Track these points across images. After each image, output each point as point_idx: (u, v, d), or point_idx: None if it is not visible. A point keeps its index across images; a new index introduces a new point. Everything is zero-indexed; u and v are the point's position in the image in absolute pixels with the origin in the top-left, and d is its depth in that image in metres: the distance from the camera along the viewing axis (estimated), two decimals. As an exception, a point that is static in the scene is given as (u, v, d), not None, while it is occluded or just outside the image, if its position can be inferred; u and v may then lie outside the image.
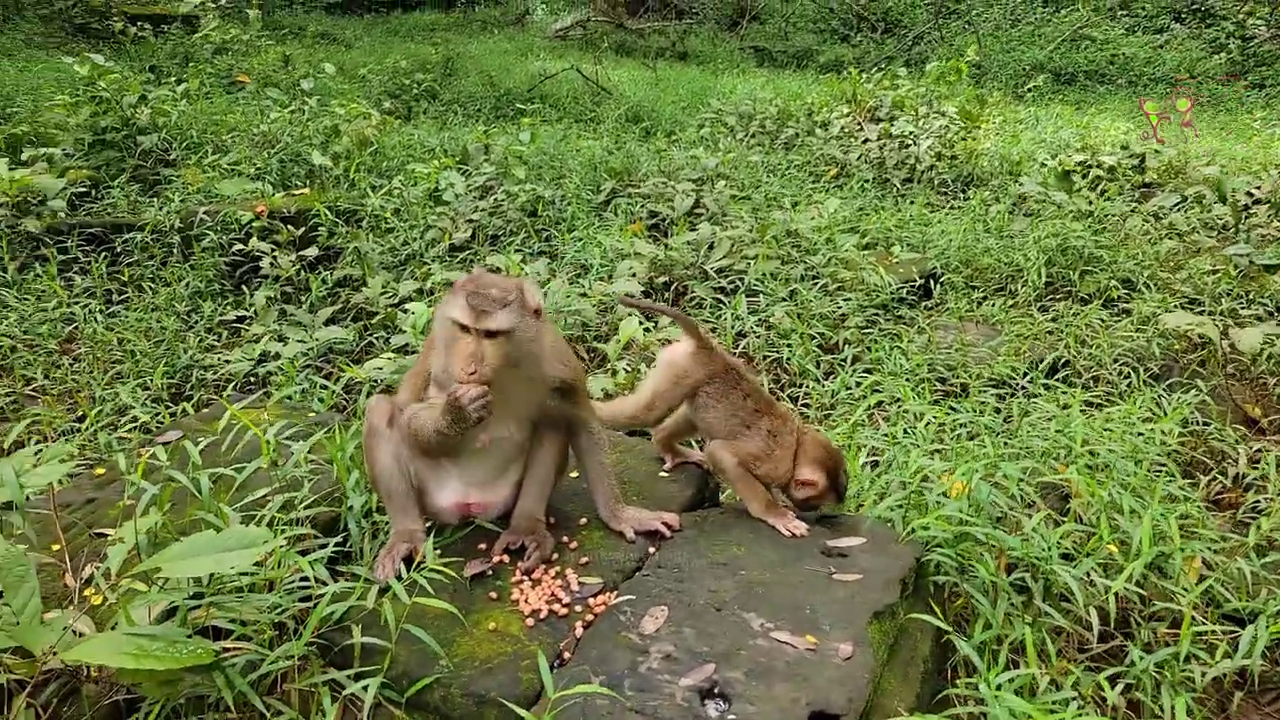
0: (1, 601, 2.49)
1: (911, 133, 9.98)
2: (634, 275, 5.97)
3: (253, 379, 5.07)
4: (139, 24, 13.54)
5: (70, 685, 2.51)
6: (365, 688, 2.36)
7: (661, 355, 3.32)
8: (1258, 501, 3.90)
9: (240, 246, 6.18)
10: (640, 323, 5.18)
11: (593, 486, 3.07)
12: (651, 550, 2.95)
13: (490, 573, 2.82)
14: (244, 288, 6.10)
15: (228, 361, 5.07)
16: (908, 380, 4.78)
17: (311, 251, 6.26)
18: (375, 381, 4.52)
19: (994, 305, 6.04)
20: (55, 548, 2.95)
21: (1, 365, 5.09)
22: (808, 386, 5.02)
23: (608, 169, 8.22)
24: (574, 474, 3.23)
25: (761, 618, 2.56)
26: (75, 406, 4.78)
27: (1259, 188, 8.30)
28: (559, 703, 2.22)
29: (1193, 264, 6.51)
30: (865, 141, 10.10)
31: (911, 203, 8.37)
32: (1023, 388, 4.89)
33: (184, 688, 2.38)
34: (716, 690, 2.30)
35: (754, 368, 5.18)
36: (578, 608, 2.66)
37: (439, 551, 2.71)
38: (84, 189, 7.24)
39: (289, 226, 6.37)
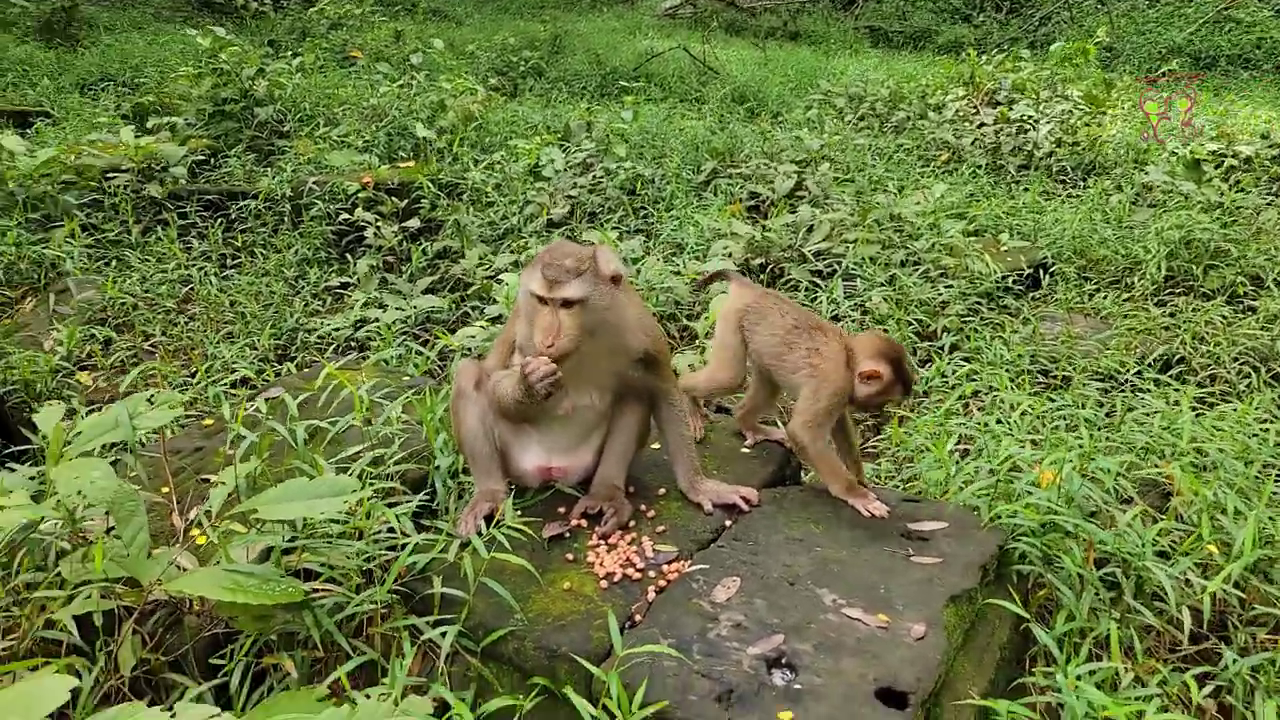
0: (113, 533, 2.68)
1: (1031, 117, 9.61)
2: (729, 255, 5.94)
3: (353, 343, 5.26)
4: (259, -1, 14.14)
5: (174, 616, 2.67)
6: (443, 635, 2.44)
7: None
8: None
9: (346, 216, 6.40)
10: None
11: (673, 457, 3.08)
12: (728, 523, 2.96)
13: (568, 535, 2.87)
14: (348, 256, 6.33)
15: (332, 327, 5.28)
16: (1006, 370, 4.64)
17: (413, 223, 6.44)
18: (468, 349, 4.64)
19: (1106, 298, 5.79)
20: (165, 490, 3.14)
21: (124, 321, 5.41)
22: (901, 372, 4.91)
23: (710, 149, 8.19)
24: (655, 445, 3.26)
25: (834, 594, 2.53)
26: (189, 362, 5.05)
27: None
28: (627, 660, 2.25)
29: (1331, 261, 6.10)
30: (981, 126, 9.77)
31: (1025, 190, 8.07)
32: (1130, 382, 4.68)
33: (276, 624, 2.51)
34: (784, 660, 2.29)
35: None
36: (651, 573, 2.68)
37: (519, 512, 2.78)
38: (203, 157, 7.63)
39: (393, 198, 6.56)
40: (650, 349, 2.91)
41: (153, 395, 2.91)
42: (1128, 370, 4.76)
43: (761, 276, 5.99)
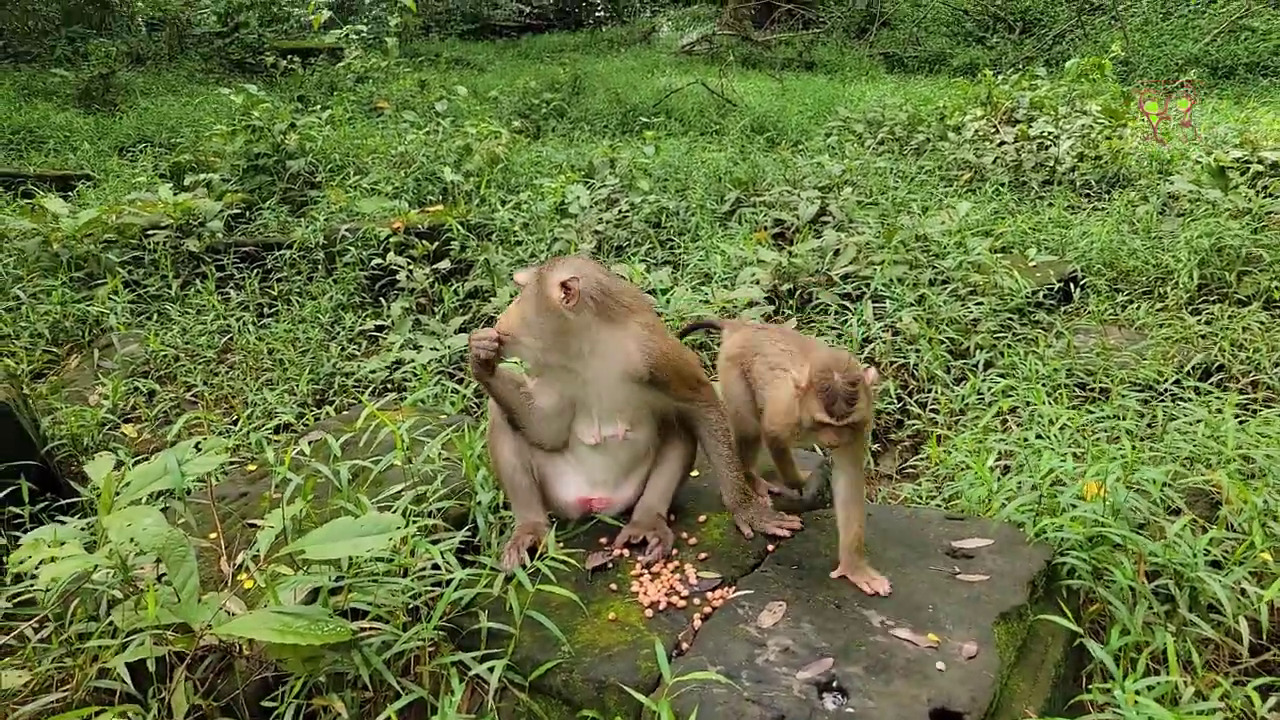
0: (164, 580, 2.72)
1: (1051, 133, 9.59)
2: (757, 282, 5.96)
3: (389, 384, 5.32)
4: (289, 57, 14.49)
5: (224, 660, 2.70)
6: (491, 669, 2.45)
7: None
8: None
9: (379, 261, 6.50)
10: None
11: (719, 477, 3.04)
12: (771, 548, 2.95)
13: (611, 566, 2.88)
14: (382, 299, 6.42)
15: (369, 370, 5.35)
16: (1043, 385, 4.60)
17: (444, 264, 6.53)
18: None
19: (1140, 308, 5.74)
20: (212, 536, 3.19)
21: (166, 373, 5.52)
22: (937, 392, 4.90)
23: (732, 179, 8.24)
24: (694, 473, 3.26)
25: (882, 615, 2.52)
26: (230, 411, 5.14)
27: None
28: (676, 688, 2.24)
29: (1366, 263, 6.00)
30: (1001, 144, 9.76)
31: (1050, 205, 8.04)
32: (1169, 392, 4.62)
33: (325, 664, 2.53)
34: (834, 684, 2.28)
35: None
36: (696, 600, 2.68)
37: (561, 544, 2.80)
38: (239, 211, 7.80)
39: (424, 241, 6.66)
40: (655, 369, 2.81)
41: (199, 442, 2.97)
42: (1166, 380, 4.70)
43: (790, 302, 6.00)
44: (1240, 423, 3.79)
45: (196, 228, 7.11)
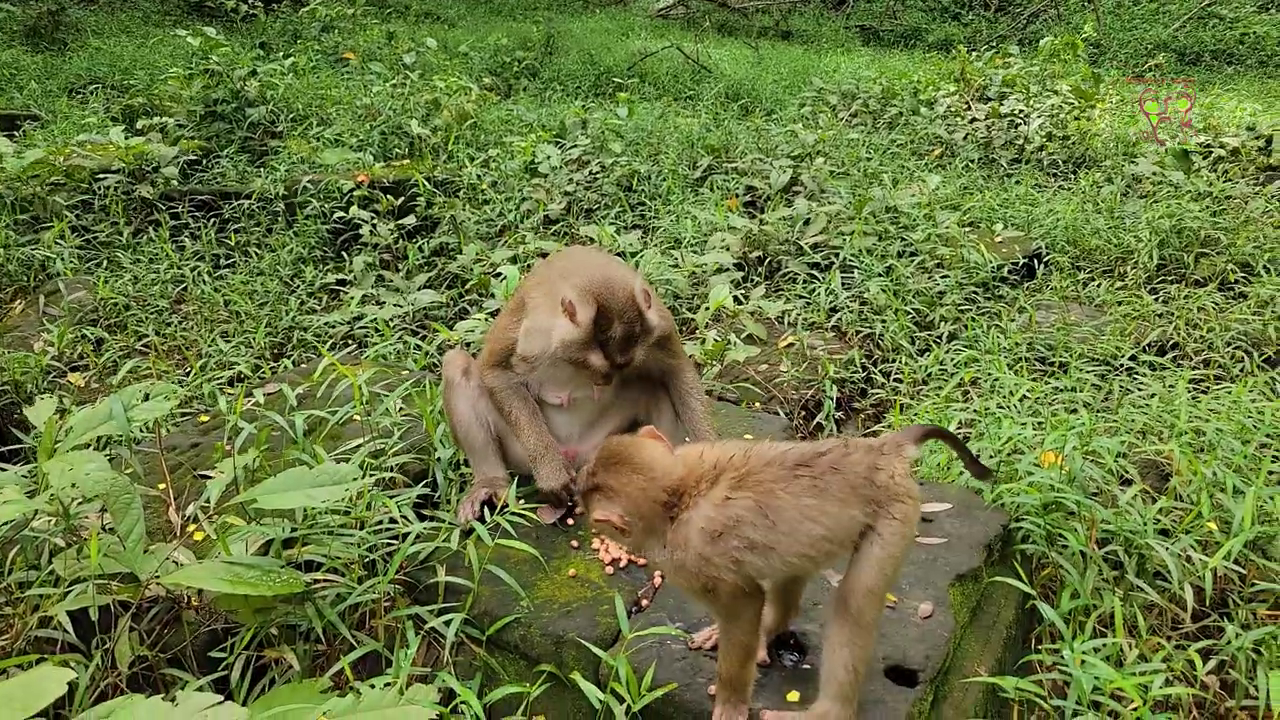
0: (108, 529, 2.65)
1: (1021, 111, 9.63)
2: (727, 248, 5.93)
3: (350, 339, 5.24)
4: (250, 1, 14.04)
5: (172, 611, 2.64)
6: (448, 624, 2.43)
7: None
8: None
9: (341, 214, 6.37)
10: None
11: (691, 432, 2.99)
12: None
13: (570, 522, 2.86)
14: (344, 254, 6.30)
15: (329, 323, 5.25)
16: (1005, 357, 4.64)
17: (409, 220, 6.41)
18: (467, 344, 4.62)
19: (1100, 286, 5.81)
20: (161, 486, 3.12)
21: (116, 322, 5.37)
22: (901, 362, 4.92)
23: (705, 145, 8.18)
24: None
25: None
26: (183, 361, 5.02)
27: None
28: (634, 643, 2.24)
29: (1320, 247, 6.12)
30: (972, 121, 9.78)
31: (1018, 183, 8.09)
32: (1126, 367, 4.69)
33: (277, 616, 2.48)
34: (792, 641, 2.28)
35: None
36: (655, 559, 2.67)
37: (522, 500, 2.77)
38: (195, 158, 7.58)
39: (388, 196, 6.53)
40: (663, 335, 2.85)
41: (148, 388, 2.88)
42: (1124, 355, 4.77)
43: (760, 269, 5.99)
44: (1193, 398, 3.87)
45: (150, 173, 6.91)
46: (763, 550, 1.93)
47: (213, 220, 6.61)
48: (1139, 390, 4.17)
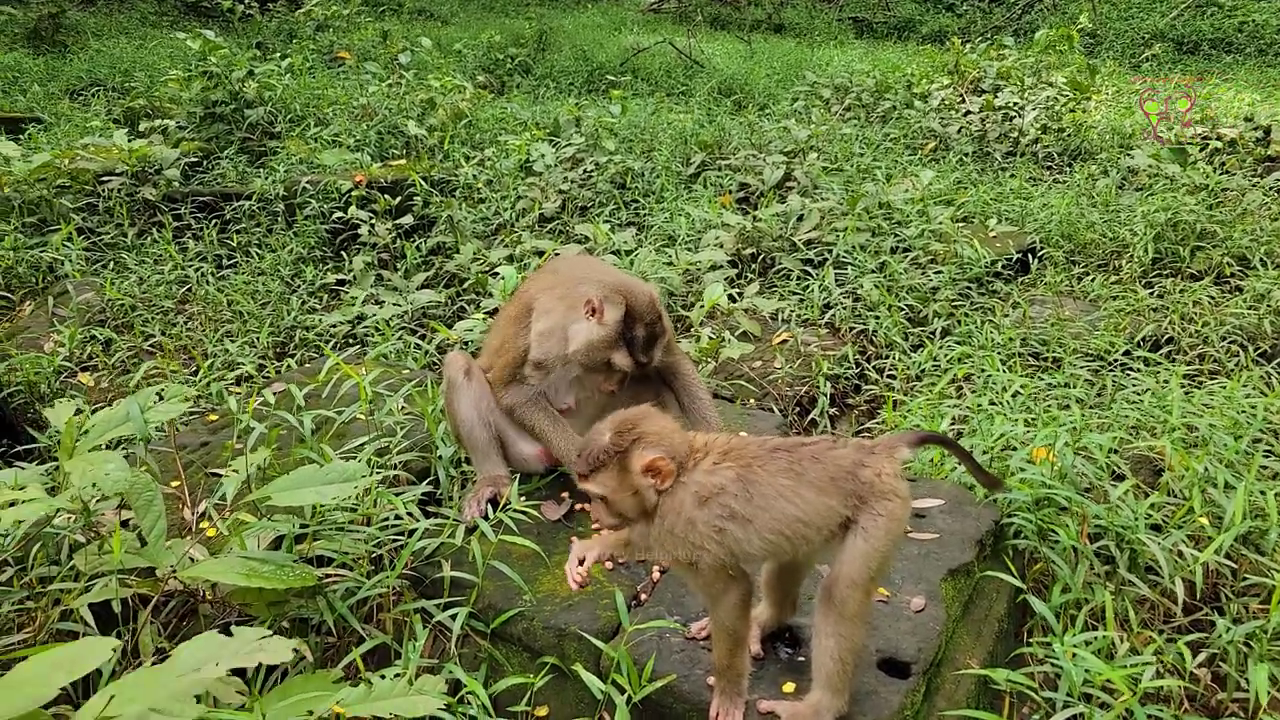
0: (127, 524, 2.72)
1: (1016, 104, 9.68)
2: (720, 245, 5.99)
3: (351, 339, 5.30)
4: (246, 2, 14.07)
5: (188, 605, 2.72)
6: (454, 617, 2.50)
7: None
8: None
9: (340, 214, 6.43)
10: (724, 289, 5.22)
11: (695, 427, 3.03)
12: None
13: (570, 522, 2.93)
14: (343, 254, 6.36)
15: (330, 323, 5.31)
16: (998, 353, 4.71)
17: (407, 220, 6.47)
18: (466, 343, 4.68)
19: (1095, 281, 5.86)
20: (175, 484, 3.19)
21: (123, 322, 5.44)
22: (895, 358, 4.98)
23: (698, 141, 8.24)
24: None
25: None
26: (190, 361, 5.09)
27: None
28: (634, 636, 2.31)
29: (1316, 240, 6.17)
30: (966, 114, 9.83)
31: (1012, 176, 8.15)
32: (1119, 362, 4.75)
33: (290, 609, 2.56)
34: (787, 635, 2.35)
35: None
36: (656, 554, 2.74)
37: (523, 497, 2.84)
38: (196, 159, 7.64)
39: (386, 196, 6.59)
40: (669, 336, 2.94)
41: (161, 389, 2.95)
42: (1117, 350, 4.83)
43: (754, 266, 6.05)
44: (1186, 393, 3.93)
45: (152, 175, 6.96)
46: (741, 521, 2.04)
47: (214, 221, 6.67)
48: (1132, 386, 4.23)
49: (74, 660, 1.83)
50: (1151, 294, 5.59)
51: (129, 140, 7.07)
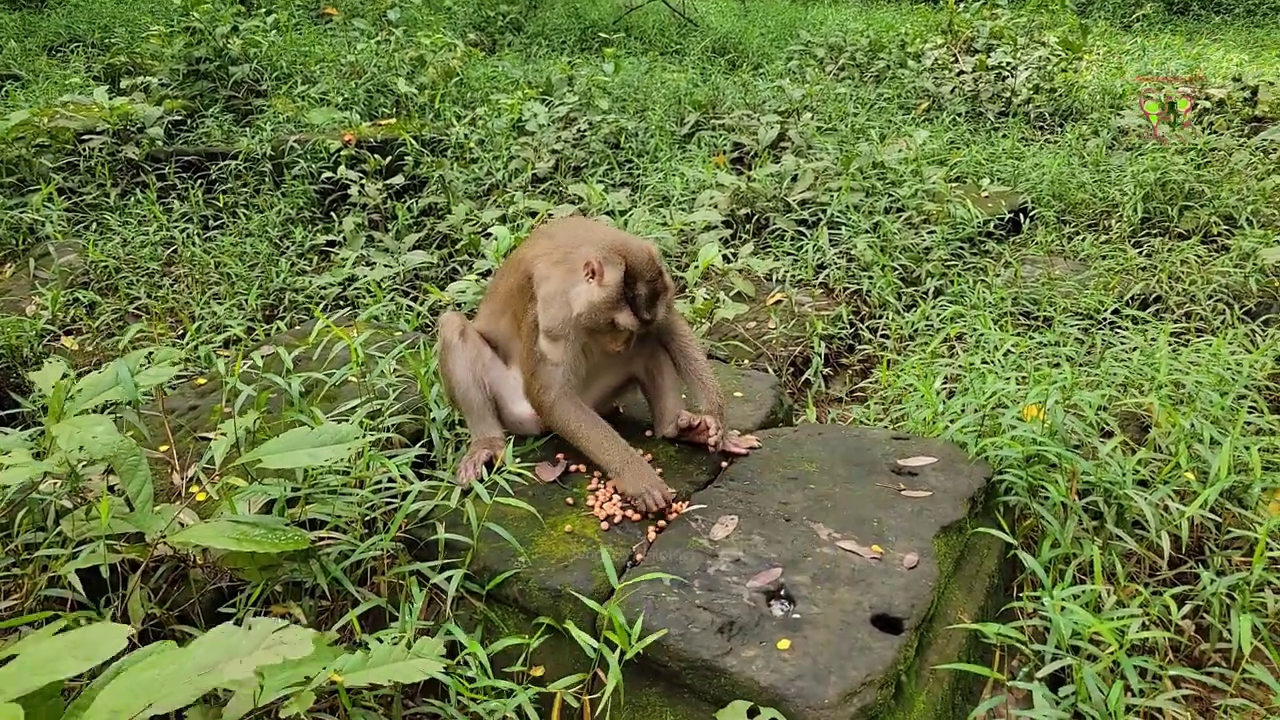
0: (115, 490, 2.70)
1: (1009, 64, 9.61)
2: (715, 206, 5.96)
3: (342, 301, 5.26)
4: (229, -48, 13.76)
5: (179, 570, 2.71)
6: (449, 579, 2.50)
7: None
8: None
9: (329, 174, 6.35)
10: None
11: (692, 388, 3.04)
12: (724, 464, 3.02)
13: (566, 481, 2.93)
14: (333, 214, 6.29)
15: (320, 285, 5.27)
16: (990, 312, 4.71)
17: (398, 180, 6.40)
18: (459, 304, 4.65)
19: (1085, 240, 5.86)
20: (163, 448, 3.17)
21: (107, 285, 5.38)
22: (888, 318, 4.99)
23: (692, 101, 8.15)
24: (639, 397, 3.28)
25: (829, 528, 2.61)
26: (177, 324, 5.05)
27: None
28: (629, 596, 2.32)
29: (1302, 198, 6.18)
30: (960, 74, 9.76)
31: (1004, 136, 8.11)
32: (1109, 321, 4.77)
33: (282, 573, 2.55)
34: (782, 592, 2.37)
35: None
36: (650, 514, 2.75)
37: (518, 459, 2.83)
38: (180, 118, 7.51)
39: (376, 155, 6.51)
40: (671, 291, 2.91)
41: (150, 353, 2.92)
42: (1107, 309, 4.85)
43: (748, 226, 6.02)
44: (1173, 351, 3.95)
45: (135, 134, 6.85)
46: None
47: (199, 181, 6.58)
48: (1121, 344, 4.25)
49: (86, 646, 1.82)
50: (1140, 253, 5.61)
51: (110, 98, 6.94)
